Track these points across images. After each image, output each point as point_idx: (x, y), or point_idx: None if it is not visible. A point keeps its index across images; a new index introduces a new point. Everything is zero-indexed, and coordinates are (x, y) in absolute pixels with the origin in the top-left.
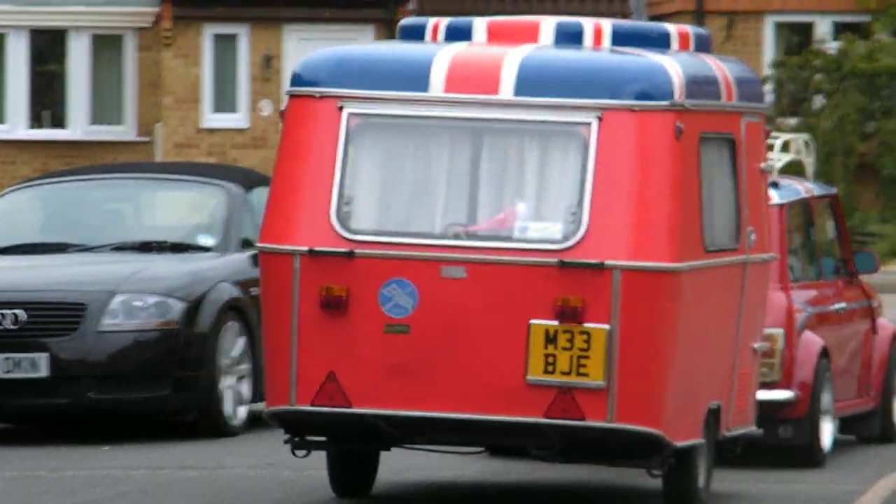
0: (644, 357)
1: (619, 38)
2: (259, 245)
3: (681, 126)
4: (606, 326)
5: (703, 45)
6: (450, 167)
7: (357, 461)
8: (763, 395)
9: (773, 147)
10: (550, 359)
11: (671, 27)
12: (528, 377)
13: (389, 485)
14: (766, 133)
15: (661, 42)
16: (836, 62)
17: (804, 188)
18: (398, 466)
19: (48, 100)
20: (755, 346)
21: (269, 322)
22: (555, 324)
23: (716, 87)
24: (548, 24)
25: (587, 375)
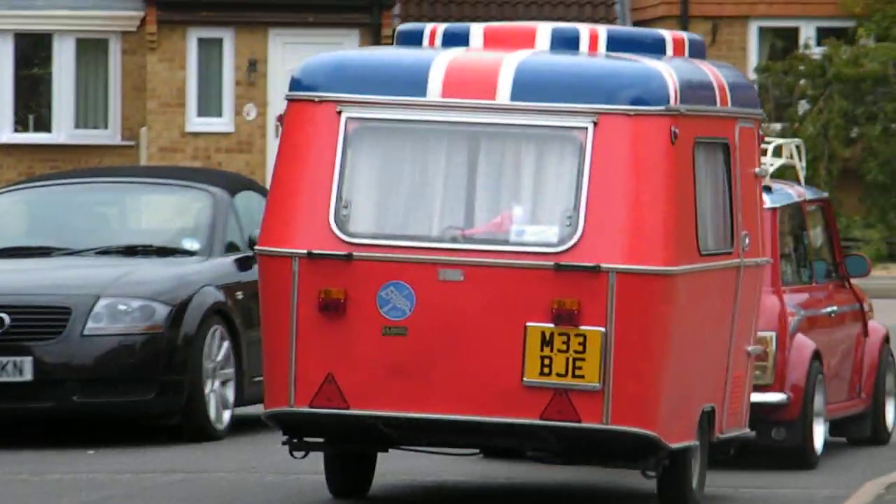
0: (639, 359)
1: (615, 44)
2: (258, 248)
3: (676, 131)
4: (602, 329)
5: (698, 51)
6: (447, 171)
7: (354, 462)
8: (756, 398)
9: (766, 152)
10: (546, 361)
11: (666, 33)
12: (525, 379)
13: (386, 486)
14: (760, 138)
15: (657, 48)
16: (821, 67)
17: (796, 192)
18: (395, 468)
19: (33, 103)
20: (749, 349)
21: (268, 324)
22: (551, 326)
23: (710, 93)
24: (544, 30)
25: (583, 377)
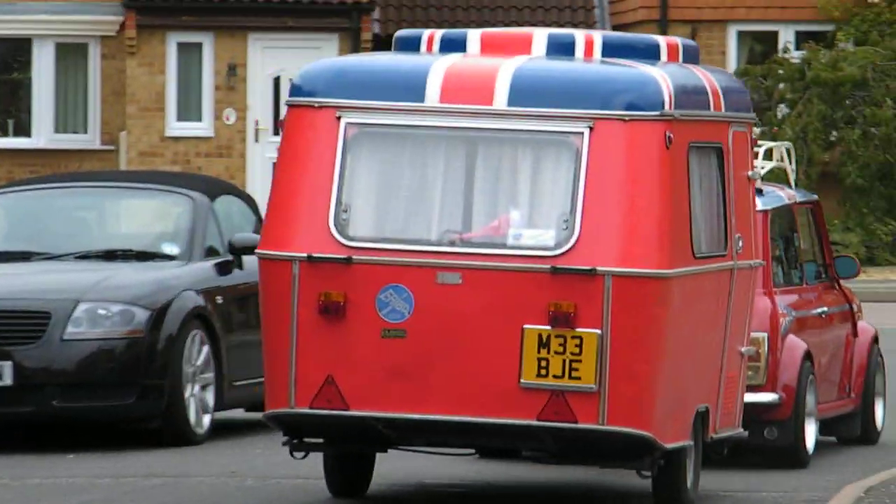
0: (634, 361)
1: (610, 50)
2: (259, 251)
3: (670, 135)
4: (598, 331)
5: (692, 56)
6: (445, 175)
7: (353, 463)
8: (748, 398)
9: (757, 155)
10: (543, 363)
11: (660, 39)
12: (522, 381)
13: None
14: (753, 142)
15: (651, 53)
16: (800, 71)
17: (787, 195)
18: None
19: (12, 108)
20: (742, 350)
21: (269, 326)
22: (548, 328)
23: (704, 98)
24: (540, 36)
25: (579, 379)
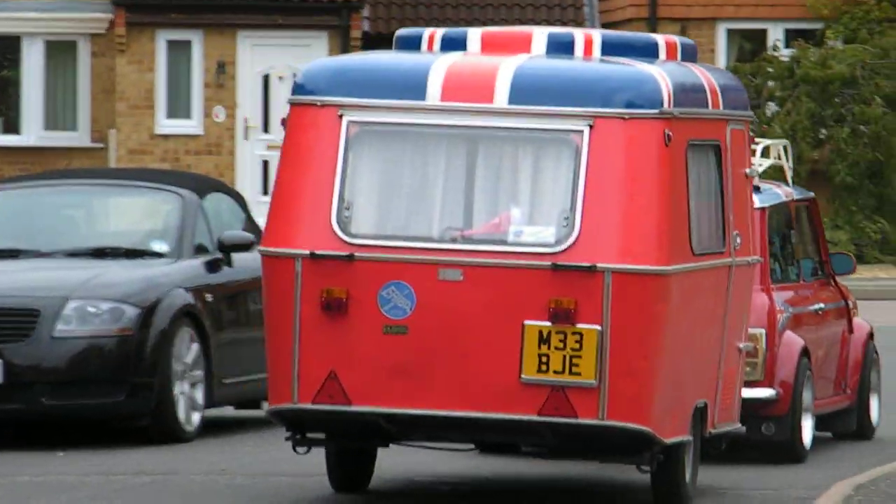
0: (634, 356)
1: (609, 48)
2: (261, 248)
3: (669, 133)
4: (598, 327)
5: (690, 55)
6: (446, 173)
7: (355, 458)
8: (746, 394)
9: (754, 152)
10: (544, 358)
11: (659, 37)
12: (523, 376)
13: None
14: (751, 139)
15: (650, 52)
16: (789, 69)
17: (784, 192)
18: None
19: (2, 106)
20: (740, 346)
21: (272, 323)
22: (548, 324)
23: (703, 96)
24: (540, 35)
25: (579, 374)
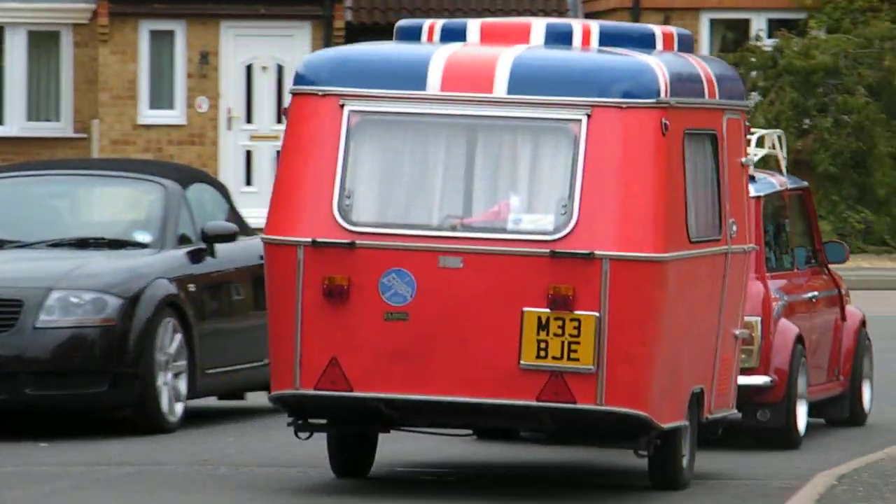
0: (632, 342)
1: (607, 39)
2: (264, 237)
3: (666, 122)
4: (596, 313)
5: (686, 45)
6: (446, 162)
7: (356, 444)
8: (742, 381)
9: (749, 142)
10: (543, 344)
11: (656, 28)
12: (522, 362)
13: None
14: (746, 129)
15: (647, 42)
16: (772, 59)
17: (778, 181)
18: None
19: None
20: (736, 333)
21: (274, 310)
22: (547, 311)
23: (699, 85)
24: (538, 25)
25: (578, 360)
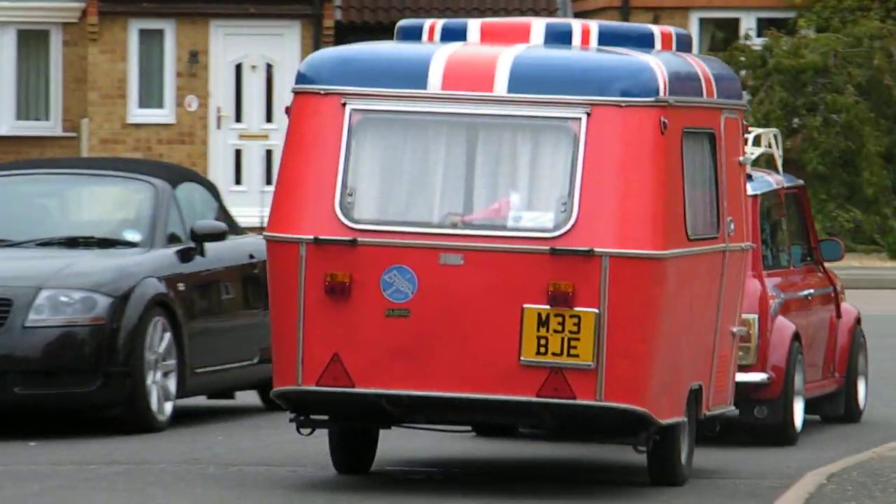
0: (631, 339)
1: (606, 38)
2: (266, 234)
3: (665, 121)
4: (595, 310)
5: (685, 45)
6: (447, 160)
7: (357, 440)
8: (739, 378)
9: (746, 141)
10: (543, 341)
11: (654, 28)
12: (522, 358)
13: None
14: (744, 128)
15: (646, 41)
16: (761, 58)
17: (775, 180)
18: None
19: None
20: (733, 330)
21: (277, 307)
22: (547, 308)
23: (697, 85)
24: (538, 25)
25: (577, 356)
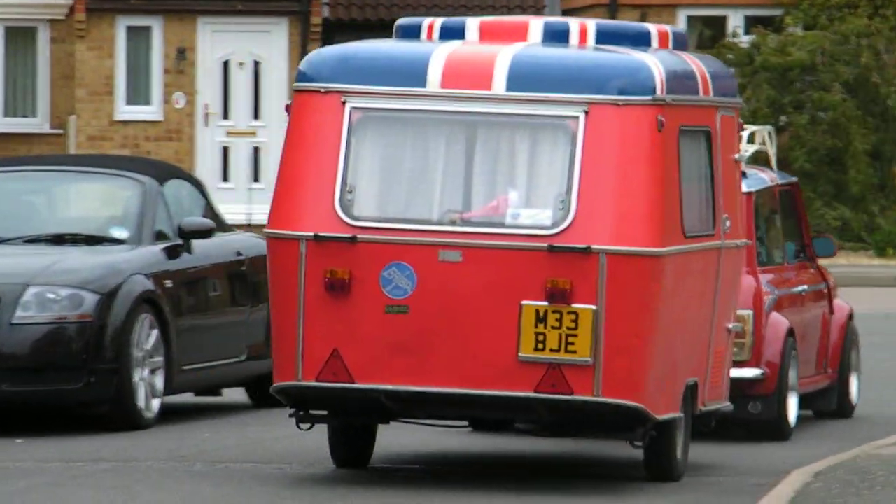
0: (628, 335)
1: (603, 37)
2: (267, 231)
3: (662, 119)
4: (593, 307)
5: (681, 44)
6: (446, 158)
7: (356, 435)
8: (734, 373)
9: (741, 138)
10: (541, 337)
11: (651, 26)
12: (520, 354)
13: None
14: (739, 126)
15: (643, 40)
16: (749, 56)
17: (769, 177)
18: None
19: None
20: (729, 326)
21: (277, 303)
22: (545, 304)
23: (694, 83)
24: (536, 24)
25: (575, 353)
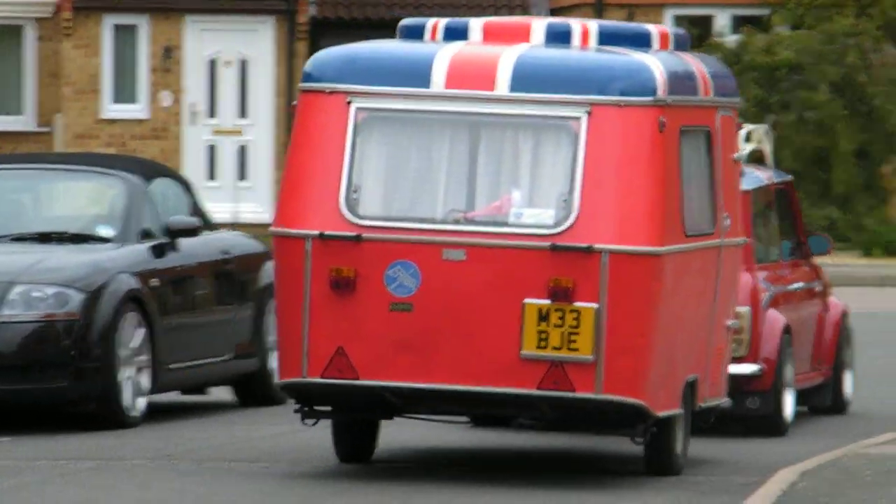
0: (629, 333)
1: (605, 38)
2: (273, 229)
3: (663, 120)
4: (595, 305)
5: (682, 44)
6: (450, 158)
7: (360, 430)
8: (731, 369)
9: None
10: (543, 335)
11: (652, 27)
12: (523, 352)
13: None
14: (738, 126)
15: (644, 41)
16: (736, 55)
17: (765, 175)
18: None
19: None
20: (728, 324)
21: (283, 301)
22: (547, 303)
23: (694, 84)
24: (539, 25)
25: (577, 350)
